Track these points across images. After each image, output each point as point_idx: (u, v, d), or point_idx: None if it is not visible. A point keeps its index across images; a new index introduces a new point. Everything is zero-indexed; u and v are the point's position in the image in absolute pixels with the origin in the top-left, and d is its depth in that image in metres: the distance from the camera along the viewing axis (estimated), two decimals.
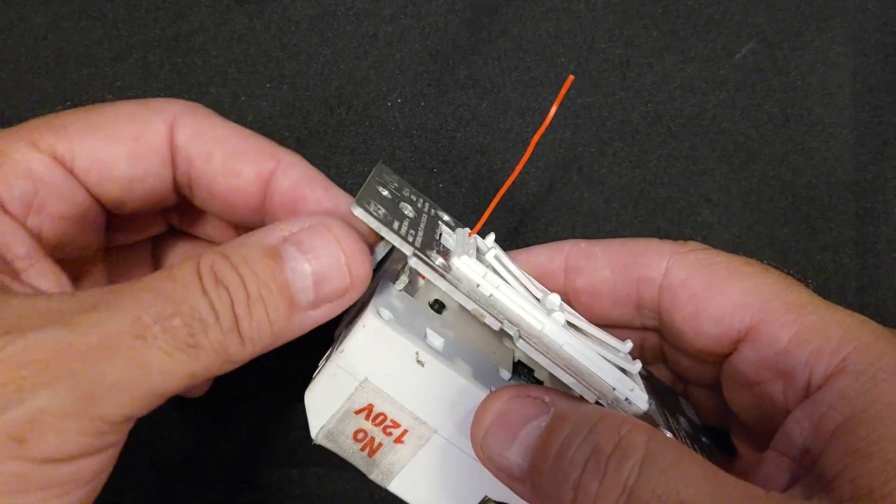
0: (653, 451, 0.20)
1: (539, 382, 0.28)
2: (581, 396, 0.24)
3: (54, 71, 0.35)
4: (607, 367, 0.25)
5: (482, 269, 0.24)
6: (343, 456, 0.25)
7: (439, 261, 0.24)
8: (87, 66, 0.35)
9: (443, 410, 0.24)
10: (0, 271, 0.22)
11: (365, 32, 0.36)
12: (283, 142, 0.36)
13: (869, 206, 0.36)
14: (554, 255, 0.30)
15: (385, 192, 0.26)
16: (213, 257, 0.21)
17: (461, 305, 0.23)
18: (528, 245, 0.36)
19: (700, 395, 0.31)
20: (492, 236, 0.27)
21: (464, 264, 0.24)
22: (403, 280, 0.26)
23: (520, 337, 0.23)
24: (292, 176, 0.27)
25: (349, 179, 0.36)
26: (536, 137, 0.24)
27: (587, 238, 0.31)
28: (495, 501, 0.25)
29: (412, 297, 0.27)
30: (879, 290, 0.37)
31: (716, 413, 0.31)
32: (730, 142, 0.36)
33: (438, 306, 0.27)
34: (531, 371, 0.29)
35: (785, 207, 0.37)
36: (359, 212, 0.22)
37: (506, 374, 0.26)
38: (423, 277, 0.24)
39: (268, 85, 0.36)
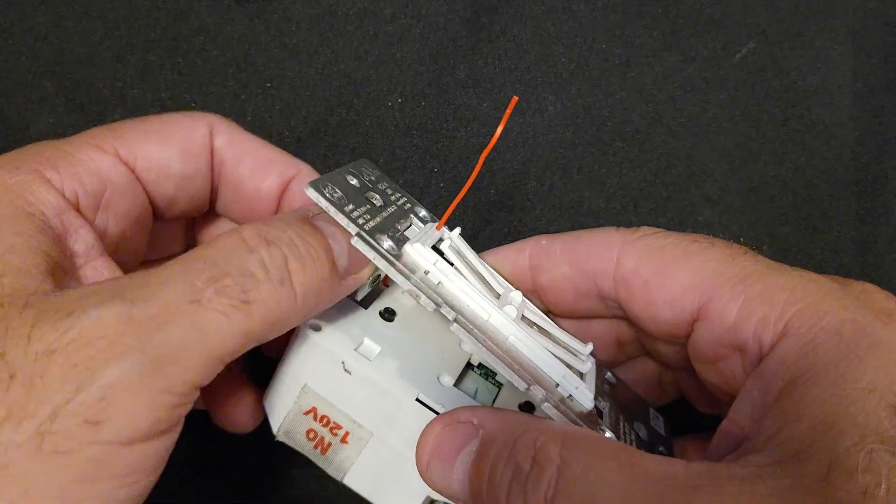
0: (567, 459, 0.21)
1: (499, 386, 0.29)
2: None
3: (55, 71, 0.35)
4: (553, 363, 0.25)
5: (433, 257, 0.25)
6: (303, 452, 0.27)
7: (387, 244, 0.24)
8: (88, 67, 0.35)
9: (375, 415, 0.26)
10: (57, 267, 0.22)
11: (365, 32, 0.36)
12: (283, 141, 0.36)
13: (869, 205, 0.36)
14: (518, 254, 0.30)
15: (354, 181, 0.27)
16: (256, 225, 0.23)
17: (402, 287, 0.24)
18: (529, 238, 0.37)
19: (690, 383, 0.31)
20: (458, 230, 0.28)
21: (415, 251, 0.25)
22: (364, 289, 0.27)
23: (454, 321, 0.24)
24: (304, 181, 0.29)
25: None
26: (485, 153, 0.24)
27: None
28: (436, 500, 0.26)
29: (364, 307, 0.28)
30: None
31: (709, 399, 0.31)
32: (730, 141, 0.36)
33: (389, 314, 0.28)
34: (494, 374, 0.29)
35: (785, 207, 0.37)
36: (311, 192, 0.23)
37: (448, 380, 0.27)
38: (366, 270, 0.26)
39: (268, 85, 0.36)
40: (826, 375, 0.21)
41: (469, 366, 0.29)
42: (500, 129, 0.24)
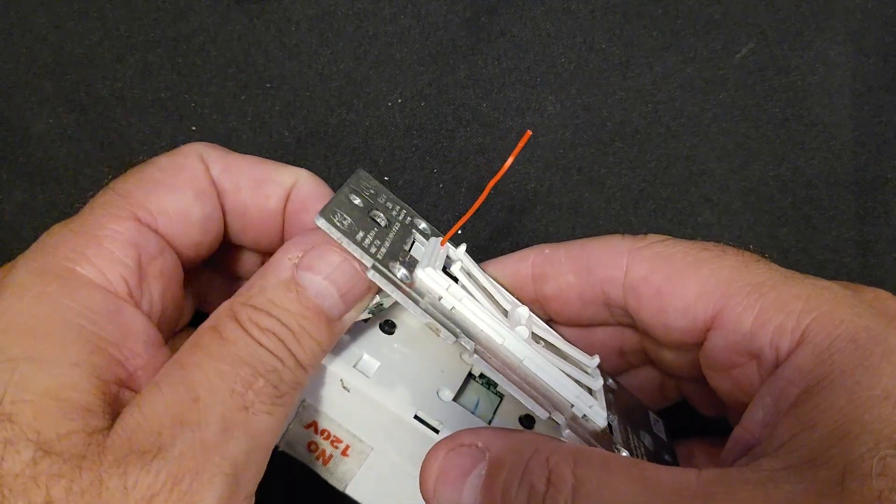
0: (581, 477, 0.21)
1: (501, 397, 0.29)
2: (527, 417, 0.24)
3: (54, 71, 0.35)
4: (567, 382, 0.25)
5: (446, 282, 0.25)
6: (305, 463, 0.27)
7: (401, 273, 0.24)
8: (88, 67, 0.35)
9: (375, 430, 0.26)
10: (115, 381, 0.22)
11: (365, 32, 0.36)
12: (283, 141, 0.36)
13: (869, 205, 0.36)
14: (520, 264, 0.30)
15: (357, 201, 0.26)
16: (246, 311, 0.23)
17: (419, 319, 0.24)
18: (528, 245, 0.37)
19: (694, 389, 0.31)
20: (463, 247, 0.28)
21: (427, 276, 0.25)
22: (370, 306, 0.27)
23: (474, 352, 0.24)
24: (304, 189, 0.28)
25: None
26: (492, 183, 0.24)
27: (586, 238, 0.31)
28: None
29: (364, 321, 0.28)
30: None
31: (713, 404, 0.31)
32: (730, 142, 0.36)
33: (389, 327, 0.28)
34: (496, 385, 0.29)
35: (785, 207, 0.37)
36: (322, 223, 0.23)
37: (447, 395, 0.27)
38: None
39: (268, 85, 0.36)
40: (842, 383, 0.21)
41: (470, 376, 0.29)
42: (510, 161, 0.24)
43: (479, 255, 0.30)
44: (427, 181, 0.36)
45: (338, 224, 0.24)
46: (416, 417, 0.25)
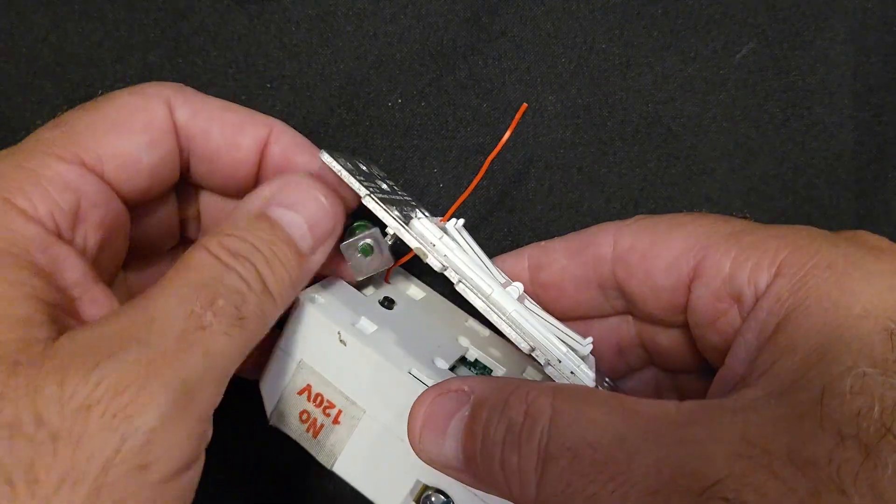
0: (559, 408, 0.21)
1: None
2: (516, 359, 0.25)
3: (54, 71, 0.35)
4: (556, 340, 0.25)
5: (439, 233, 0.25)
6: (294, 438, 0.27)
7: (396, 212, 0.25)
8: (88, 67, 0.35)
9: (367, 389, 0.26)
10: (55, 309, 0.22)
11: (365, 32, 0.36)
12: None
13: (869, 205, 0.36)
14: (517, 259, 0.31)
15: (364, 168, 0.27)
16: (217, 238, 0.23)
17: (409, 243, 0.25)
18: (527, 245, 0.37)
19: (694, 386, 0.31)
20: (461, 221, 0.28)
21: (421, 225, 0.25)
22: (365, 269, 0.28)
23: (459, 281, 0.24)
24: (283, 142, 0.28)
25: None
26: (490, 158, 0.25)
27: None
28: (429, 486, 0.26)
29: (362, 293, 0.29)
30: None
31: (720, 395, 0.31)
32: (730, 141, 0.36)
33: (388, 303, 0.29)
34: (490, 370, 0.30)
35: (785, 207, 0.37)
36: (326, 157, 0.25)
37: (442, 364, 0.27)
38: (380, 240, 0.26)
39: (268, 85, 0.36)
40: (819, 306, 0.21)
41: (464, 361, 0.29)
42: (507, 135, 0.24)
43: None
44: (427, 181, 0.36)
45: (340, 162, 0.25)
46: (410, 374, 0.26)
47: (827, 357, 0.20)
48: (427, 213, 0.29)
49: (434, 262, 0.24)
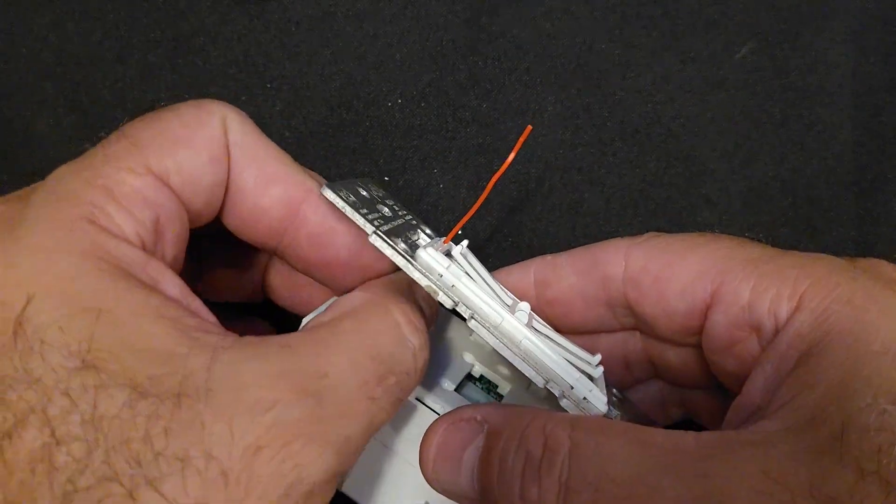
0: (577, 441, 0.21)
1: (500, 397, 0.29)
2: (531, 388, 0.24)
3: (55, 71, 0.35)
4: (567, 365, 0.25)
5: (446, 262, 0.25)
6: None
7: (402, 246, 0.24)
8: (88, 67, 0.35)
9: None
10: (178, 321, 0.21)
11: (365, 33, 0.36)
12: (283, 142, 0.36)
13: (869, 205, 0.36)
14: (522, 273, 0.30)
15: (364, 193, 0.26)
16: (403, 305, 0.24)
17: (419, 282, 0.24)
18: (527, 246, 0.37)
19: (701, 401, 0.31)
20: (465, 242, 0.28)
21: (428, 255, 0.25)
22: None
23: (472, 317, 0.24)
24: (324, 210, 0.26)
25: None
26: (493, 180, 0.25)
27: (589, 239, 0.31)
28: None
29: None
30: None
31: (718, 418, 0.30)
32: (730, 142, 0.36)
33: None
34: (495, 386, 0.30)
35: (785, 208, 0.36)
36: (328, 193, 0.24)
37: (449, 385, 0.27)
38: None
39: (268, 85, 0.36)
40: (840, 342, 0.21)
41: (470, 377, 0.29)
42: (511, 157, 0.24)
43: (479, 255, 0.30)
44: (427, 181, 0.36)
45: (343, 196, 0.24)
46: (417, 400, 0.25)
47: (847, 393, 0.20)
48: (429, 232, 0.29)
49: (445, 300, 0.24)
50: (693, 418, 0.32)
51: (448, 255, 0.26)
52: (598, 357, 0.28)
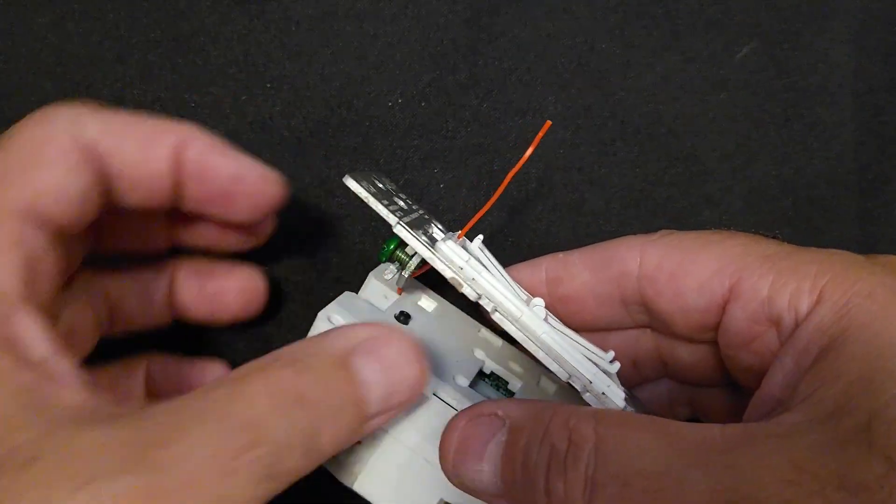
0: (602, 435, 0.21)
1: (512, 394, 0.28)
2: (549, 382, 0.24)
3: (54, 71, 0.35)
4: (585, 361, 0.25)
5: (466, 255, 0.25)
6: None
7: (423, 238, 0.25)
8: (88, 67, 0.35)
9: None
10: (30, 388, 0.20)
11: (365, 33, 0.36)
12: (283, 142, 0.36)
13: (870, 205, 0.36)
14: (533, 270, 0.30)
15: (380, 185, 0.27)
16: (280, 372, 0.21)
17: (443, 272, 0.24)
18: (527, 246, 0.36)
19: (712, 401, 0.31)
20: (479, 237, 0.28)
21: (447, 248, 0.25)
22: (392, 269, 0.27)
23: (495, 310, 0.24)
24: (198, 147, 0.26)
25: None
26: (510, 175, 0.25)
27: (590, 239, 0.31)
28: None
29: (376, 307, 0.28)
30: None
31: (735, 410, 0.30)
32: (731, 142, 0.36)
33: (404, 317, 0.28)
34: (506, 382, 0.30)
35: (786, 208, 0.36)
36: (351, 183, 0.24)
37: (463, 381, 0.27)
38: (407, 266, 0.26)
39: (268, 85, 0.36)
40: (861, 335, 0.21)
41: (481, 374, 0.29)
42: (529, 152, 0.24)
43: None
44: (428, 181, 0.36)
45: (364, 186, 0.24)
46: (434, 395, 0.25)
47: (872, 386, 0.20)
48: (441, 227, 0.29)
49: (470, 293, 0.24)
50: (700, 417, 0.32)
51: (466, 251, 0.26)
52: (612, 353, 0.28)
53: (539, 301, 0.27)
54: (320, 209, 0.36)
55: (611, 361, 0.27)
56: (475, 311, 0.31)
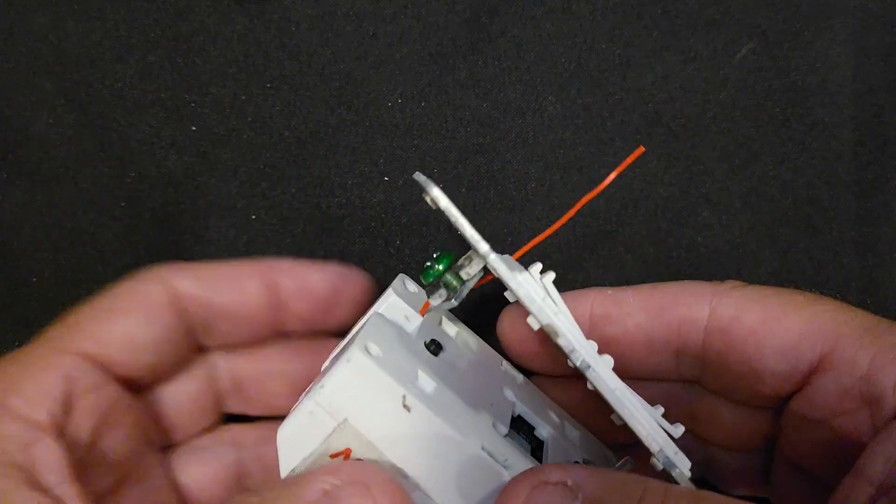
0: None
1: (539, 442, 0.26)
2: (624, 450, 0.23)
3: (54, 71, 0.35)
4: (654, 424, 0.23)
5: (542, 292, 0.23)
6: None
7: (517, 275, 0.22)
8: (88, 67, 0.35)
9: (427, 464, 0.22)
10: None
11: (365, 33, 0.36)
12: (283, 141, 0.36)
13: (870, 205, 0.36)
14: (578, 303, 0.28)
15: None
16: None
17: (538, 318, 0.22)
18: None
19: (725, 460, 0.30)
20: (537, 266, 0.25)
21: (526, 280, 0.22)
22: (441, 294, 0.25)
23: (588, 366, 0.22)
24: (290, 277, 0.29)
25: (349, 179, 0.36)
26: (585, 199, 0.24)
27: (589, 239, 0.30)
28: None
29: (409, 333, 0.25)
30: (881, 291, 0.37)
31: (752, 478, 0.29)
32: (730, 142, 0.36)
33: (435, 347, 0.26)
34: (532, 428, 0.27)
35: (785, 207, 0.36)
36: (437, 193, 0.22)
37: (503, 430, 0.25)
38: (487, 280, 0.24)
39: (268, 85, 0.36)
40: None
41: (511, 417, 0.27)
42: (613, 175, 0.23)
43: None
44: None
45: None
46: (483, 450, 0.22)
47: None
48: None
49: (566, 344, 0.22)
50: (707, 477, 0.30)
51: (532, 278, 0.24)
52: (661, 409, 0.25)
53: (592, 346, 0.24)
54: (320, 209, 0.36)
55: (675, 424, 0.25)
56: (491, 337, 0.30)
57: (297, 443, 0.23)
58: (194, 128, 0.36)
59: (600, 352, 0.26)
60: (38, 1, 0.35)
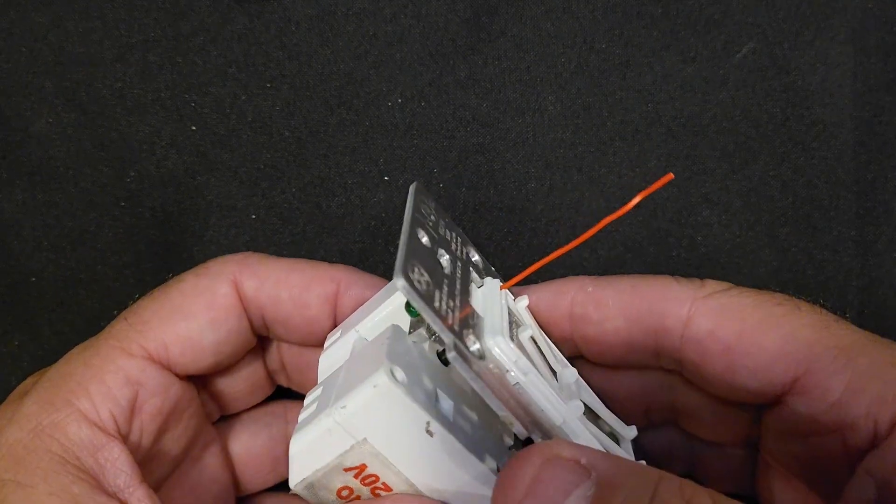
0: None
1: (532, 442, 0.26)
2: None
3: (54, 71, 0.35)
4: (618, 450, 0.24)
5: (514, 355, 0.22)
6: None
7: (475, 346, 0.22)
8: (88, 66, 0.35)
9: (442, 482, 0.22)
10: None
11: (365, 32, 0.36)
12: (283, 141, 0.36)
13: (869, 205, 0.36)
14: (558, 297, 0.28)
15: (425, 239, 0.24)
16: None
17: (496, 410, 0.22)
18: (528, 246, 0.37)
19: (712, 457, 0.30)
20: (525, 300, 0.26)
21: (499, 349, 0.22)
22: (422, 335, 0.25)
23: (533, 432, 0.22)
24: (354, 293, 0.28)
25: (349, 179, 0.36)
26: (611, 218, 0.23)
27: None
28: None
29: (423, 344, 0.25)
30: (881, 290, 0.37)
31: (738, 475, 0.29)
32: (730, 141, 0.36)
33: (445, 360, 0.26)
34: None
35: (785, 207, 0.36)
36: (402, 284, 0.20)
37: (509, 441, 0.25)
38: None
39: (268, 85, 0.36)
40: None
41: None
42: (638, 198, 0.23)
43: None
44: (427, 181, 0.36)
45: (416, 285, 0.21)
46: (497, 470, 0.23)
47: None
48: (478, 257, 0.28)
49: (521, 431, 0.22)
50: (695, 474, 0.30)
51: (510, 322, 0.24)
52: (633, 431, 0.26)
53: (571, 376, 0.24)
54: (320, 209, 0.36)
55: (630, 441, 0.25)
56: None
57: (311, 455, 0.23)
58: (194, 128, 0.36)
59: (580, 346, 0.27)
60: (38, 1, 0.35)
